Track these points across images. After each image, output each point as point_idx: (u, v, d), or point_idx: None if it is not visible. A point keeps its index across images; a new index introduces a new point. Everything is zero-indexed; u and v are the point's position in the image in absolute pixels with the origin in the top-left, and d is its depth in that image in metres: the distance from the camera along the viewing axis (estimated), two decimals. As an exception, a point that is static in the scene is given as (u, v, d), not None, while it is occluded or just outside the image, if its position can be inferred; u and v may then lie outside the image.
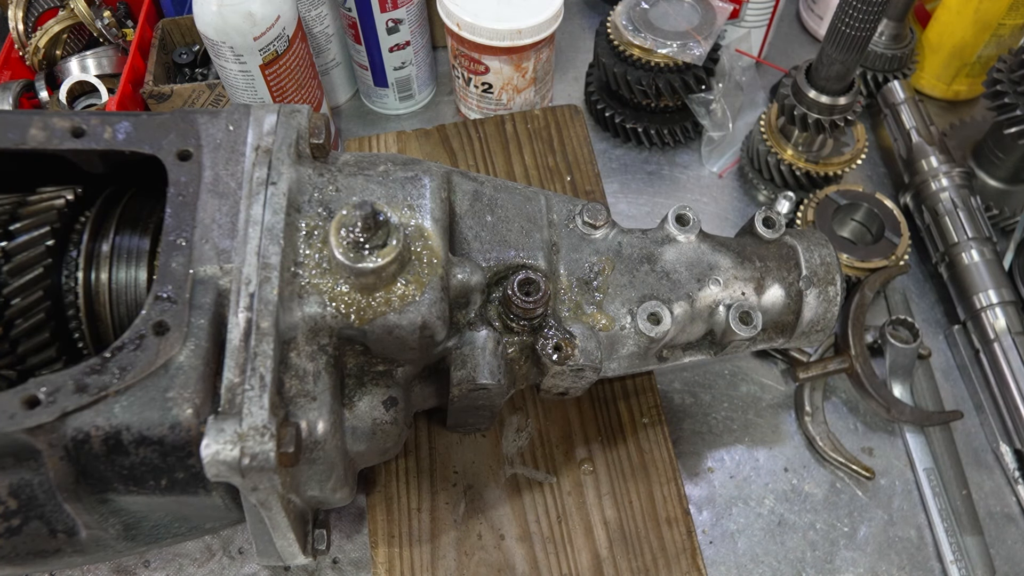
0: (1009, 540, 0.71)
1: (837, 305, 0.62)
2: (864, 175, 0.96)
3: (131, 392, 0.42)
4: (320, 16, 0.90)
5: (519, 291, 0.54)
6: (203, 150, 0.50)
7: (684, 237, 0.61)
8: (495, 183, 0.61)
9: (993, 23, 0.91)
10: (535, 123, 0.88)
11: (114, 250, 0.52)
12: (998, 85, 0.81)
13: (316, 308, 0.47)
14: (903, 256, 0.79)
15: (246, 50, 0.76)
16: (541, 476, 0.68)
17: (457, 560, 0.64)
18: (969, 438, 0.76)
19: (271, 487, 0.43)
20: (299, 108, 0.54)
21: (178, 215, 0.48)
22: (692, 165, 0.97)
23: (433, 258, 0.50)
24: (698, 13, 0.88)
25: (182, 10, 0.99)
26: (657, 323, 0.58)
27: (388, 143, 0.87)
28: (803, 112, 0.81)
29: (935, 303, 0.85)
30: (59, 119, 0.50)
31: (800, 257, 0.62)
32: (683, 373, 0.79)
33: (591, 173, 0.85)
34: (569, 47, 1.09)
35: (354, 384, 0.52)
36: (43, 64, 0.96)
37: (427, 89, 1.02)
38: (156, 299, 0.45)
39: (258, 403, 0.42)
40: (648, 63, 0.86)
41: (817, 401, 0.76)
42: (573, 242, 0.61)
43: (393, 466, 0.68)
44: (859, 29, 0.71)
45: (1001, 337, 0.76)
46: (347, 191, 0.52)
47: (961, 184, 0.84)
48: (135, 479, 0.44)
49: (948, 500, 0.71)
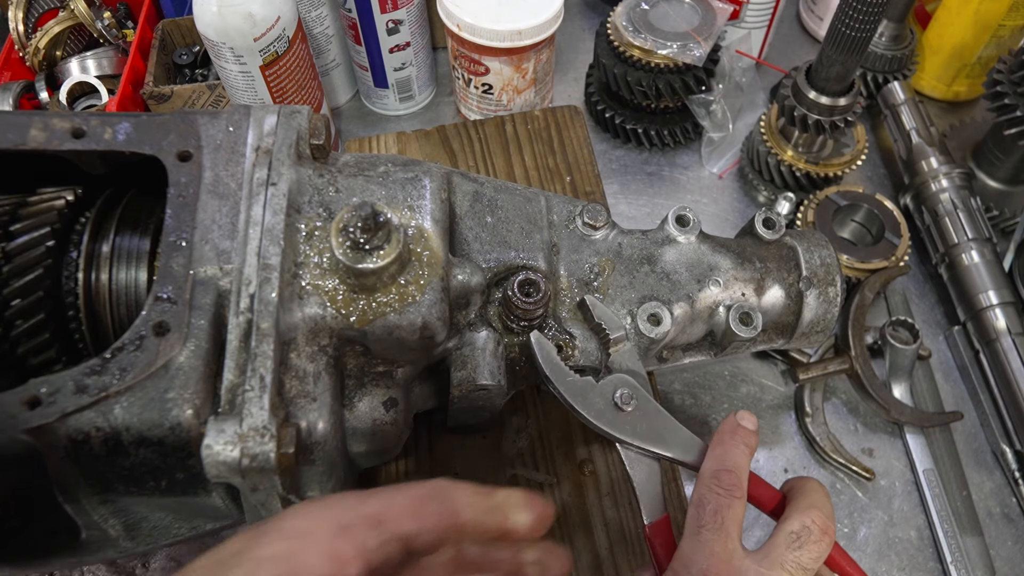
0: (1009, 540, 0.71)
1: (837, 306, 0.63)
2: (864, 176, 0.96)
3: (131, 393, 0.42)
4: (320, 17, 0.90)
5: (519, 292, 0.54)
6: (203, 151, 0.50)
7: (684, 238, 0.61)
8: (495, 184, 0.61)
9: (993, 24, 0.92)
10: (535, 124, 0.88)
11: (114, 251, 0.52)
12: (998, 86, 0.81)
13: (316, 309, 0.47)
14: (903, 257, 0.79)
15: (246, 51, 0.76)
16: (541, 477, 0.68)
17: (457, 561, 0.63)
18: (969, 439, 0.76)
19: (271, 488, 0.43)
20: (299, 109, 0.54)
21: (178, 216, 0.48)
22: (692, 166, 0.97)
23: (433, 259, 0.50)
24: (698, 14, 0.88)
25: (182, 11, 0.99)
26: (657, 324, 0.58)
27: (388, 144, 0.87)
28: (803, 113, 0.81)
29: (935, 304, 0.85)
30: (59, 120, 0.50)
31: (800, 258, 0.63)
32: (683, 374, 0.79)
33: (591, 174, 0.85)
34: (569, 48, 1.09)
35: (354, 385, 0.52)
36: (43, 65, 0.96)
37: (427, 90, 1.02)
38: (156, 300, 0.45)
39: (258, 404, 0.42)
40: (648, 64, 0.86)
41: (817, 402, 0.76)
42: (573, 243, 0.61)
43: (393, 467, 0.68)
44: (859, 30, 0.71)
45: (1001, 338, 0.76)
46: (347, 192, 0.52)
47: (961, 185, 0.84)
48: (135, 480, 0.44)
49: (948, 501, 0.71)
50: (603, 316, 0.57)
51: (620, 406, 0.52)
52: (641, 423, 0.52)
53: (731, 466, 0.49)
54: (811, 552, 0.46)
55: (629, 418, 0.52)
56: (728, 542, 0.46)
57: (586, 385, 0.53)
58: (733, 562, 0.45)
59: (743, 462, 0.49)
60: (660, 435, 0.52)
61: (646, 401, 0.53)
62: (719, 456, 0.50)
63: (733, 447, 0.50)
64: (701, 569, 0.45)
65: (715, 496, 0.47)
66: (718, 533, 0.46)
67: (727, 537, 0.46)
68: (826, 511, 0.48)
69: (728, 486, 0.48)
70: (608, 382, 0.53)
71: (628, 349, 0.57)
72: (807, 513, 0.47)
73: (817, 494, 0.49)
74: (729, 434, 0.51)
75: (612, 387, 0.53)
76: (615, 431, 0.52)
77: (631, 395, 0.52)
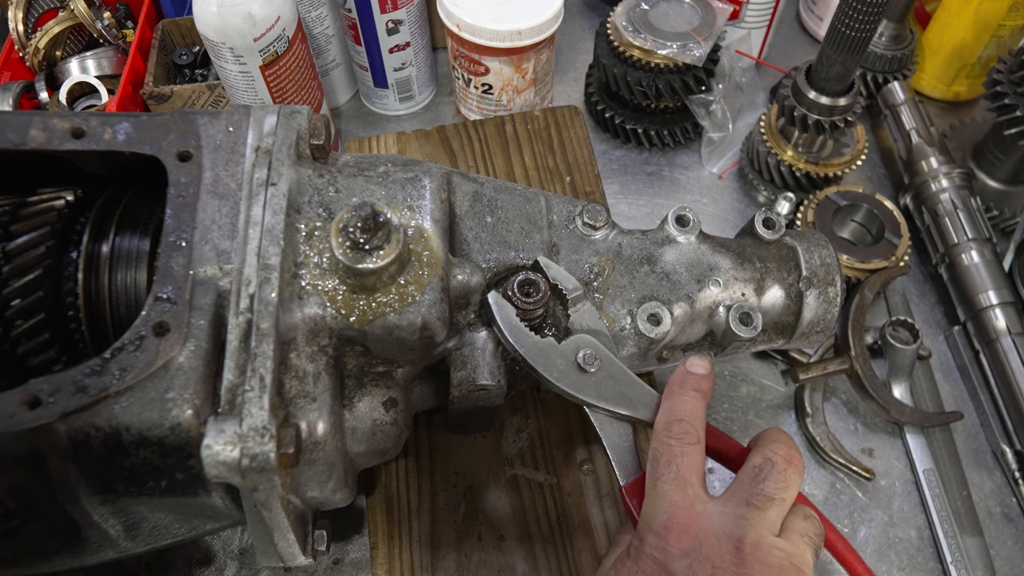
0: (1009, 540, 0.71)
1: (837, 306, 0.63)
2: (864, 176, 0.96)
3: (131, 393, 0.42)
4: (320, 17, 0.90)
5: (519, 292, 0.54)
6: (203, 151, 0.50)
7: (684, 238, 0.61)
8: (495, 184, 0.61)
9: (993, 24, 0.91)
10: (535, 124, 0.88)
11: (114, 251, 0.52)
12: (998, 86, 0.81)
13: (316, 309, 0.47)
14: (903, 257, 0.79)
15: (246, 51, 0.76)
16: (541, 477, 0.68)
17: (457, 561, 0.64)
18: (969, 439, 0.76)
19: (271, 488, 0.43)
20: (299, 109, 0.54)
21: (178, 216, 0.48)
22: (692, 166, 0.97)
23: (433, 259, 0.50)
24: (698, 14, 0.88)
25: (182, 11, 0.99)
26: (657, 324, 0.58)
27: (388, 144, 0.87)
28: (803, 113, 0.81)
29: (935, 304, 0.85)
30: (59, 120, 0.50)
31: (800, 258, 0.63)
32: (683, 374, 0.79)
33: (591, 174, 0.85)
34: (569, 48, 1.09)
35: (354, 385, 0.52)
36: (43, 65, 0.96)
37: (427, 90, 1.02)
38: (156, 300, 0.45)
39: (258, 404, 0.42)
40: (648, 64, 0.86)
41: (817, 402, 0.76)
42: (573, 243, 0.61)
43: (393, 467, 0.68)
44: (859, 30, 0.71)
45: (1001, 338, 0.76)
46: (347, 192, 0.52)
47: (961, 185, 0.84)
48: (135, 480, 0.44)
49: (948, 501, 0.71)
50: (558, 276, 0.55)
51: (583, 367, 0.51)
52: (605, 384, 0.51)
53: (682, 415, 0.48)
54: (776, 481, 0.44)
55: (593, 379, 0.51)
56: (688, 489, 0.45)
57: (548, 346, 0.51)
58: (696, 507, 0.44)
59: (694, 408, 0.48)
60: (625, 396, 0.51)
61: (610, 362, 0.51)
62: (668, 408, 0.49)
63: (682, 395, 0.49)
64: (662, 522, 0.44)
65: (668, 447, 0.46)
66: (675, 483, 0.45)
67: (685, 484, 0.45)
68: (788, 444, 0.46)
69: (680, 435, 0.47)
70: (570, 343, 0.52)
71: (588, 308, 0.55)
72: (768, 447, 0.46)
73: (778, 433, 0.48)
74: (678, 384, 0.50)
75: (575, 348, 0.51)
76: (579, 393, 0.50)
77: (594, 355, 0.51)
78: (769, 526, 0.44)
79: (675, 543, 0.43)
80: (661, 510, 0.44)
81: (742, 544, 0.42)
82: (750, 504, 0.44)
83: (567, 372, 0.51)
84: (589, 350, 0.51)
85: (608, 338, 0.54)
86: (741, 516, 0.43)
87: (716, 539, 0.43)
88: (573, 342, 0.52)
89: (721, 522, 0.43)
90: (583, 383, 0.51)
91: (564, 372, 0.51)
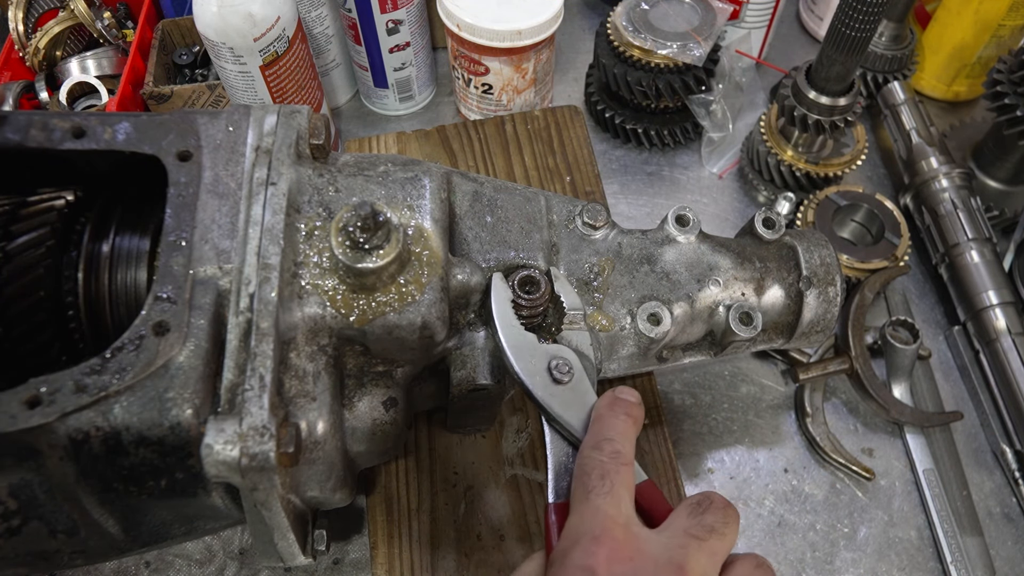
0: (1009, 540, 0.71)
1: (837, 306, 0.62)
2: (864, 176, 0.96)
3: (131, 392, 0.42)
4: (320, 17, 0.90)
5: (519, 289, 0.54)
6: (203, 151, 0.50)
7: (684, 238, 0.61)
8: (495, 184, 0.61)
9: (993, 24, 0.92)
10: (535, 124, 0.88)
11: (114, 251, 0.52)
12: (998, 86, 0.81)
13: (316, 308, 0.47)
14: (903, 257, 0.79)
15: (246, 51, 0.76)
16: (541, 477, 0.68)
17: (457, 560, 0.63)
18: (969, 439, 0.76)
19: (271, 487, 0.43)
20: (299, 109, 0.54)
21: (178, 215, 0.48)
22: (692, 166, 0.97)
23: (433, 258, 0.50)
24: (698, 14, 0.88)
25: (182, 11, 0.99)
26: (657, 324, 0.58)
27: (388, 144, 0.87)
28: (803, 113, 0.81)
29: (935, 304, 0.85)
30: (59, 120, 0.50)
31: (800, 258, 0.63)
32: (683, 374, 0.79)
33: (591, 174, 0.85)
34: (569, 48, 1.09)
35: (354, 384, 0.52)
36: (43, 65, 0.96)
37: (427, 90, 1.02)
38: (156, 299, 0.45)
39: (258, 403, 0.42)
40: (648, 64, 0.86)
41: (817, 402, 0.76)
42: (573, 243, 0.61)
43: (393, 467, 0.68)
44: (859, 30, 0.71)
45: (1001, 338, 0.76)
46: (347, 192, 0.52)
47: (961, 185, 0.84)
48: (135, 480, 0.44)
49: (948, 501, 0.71)
50: (563, 290, 0.55)
51: (556, 376, 0.49)
52: (570, 400, 0.49)
53: (612, 435, 0.44)
54: (716, 515, 0.41)
55: (560, 390, 0.49)
56: (622, 506, 0.41)
57: (528, 341, 0.50)
58: (632, 528, 0.40)
59: (625, 430, 0.45)
60: (583, 420, 0.48)
61: (580, 381, 0.49)
62: (598, 429, 0.46)
63: (612, 417, 0.46)
64: (594, 536, 0.39)
65: (600, 463, 0.43)
66: (608, 497, 0.41)
67: (619, 501, 0.41)
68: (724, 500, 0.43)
69: (611, 453, 0.43)
70: (552, 348, 0.51)
71: (582, 333, 0.54)
72: (704, 493, 0.43)
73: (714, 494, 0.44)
74: (607, 407, 0.47)
75: (551, 355, 0.50)
76: (542, 398, 0.49)
77: (569, 368, 0.49)
78: (713, 559, 0.40)
79: (605, 562, 0.38)
80: (595, 523, 0.40)
81: (683, 571, 0.38)
82: (689, 534, 0.40)
83: (538, 374, 0.50)
84: (566, 362, 0.50)
85: (592, 366, 0.53)
86: (681, 545, 0.39)
87: (655, 564, 0.38)
88: (555, 349, 0.51)
89: (659, 549, 0.39)
90: (550, 390, 0.49)
91: (535, 372, 0.50)
